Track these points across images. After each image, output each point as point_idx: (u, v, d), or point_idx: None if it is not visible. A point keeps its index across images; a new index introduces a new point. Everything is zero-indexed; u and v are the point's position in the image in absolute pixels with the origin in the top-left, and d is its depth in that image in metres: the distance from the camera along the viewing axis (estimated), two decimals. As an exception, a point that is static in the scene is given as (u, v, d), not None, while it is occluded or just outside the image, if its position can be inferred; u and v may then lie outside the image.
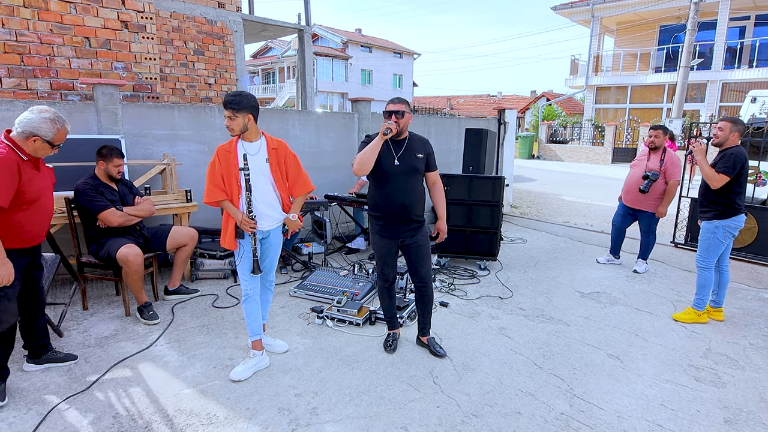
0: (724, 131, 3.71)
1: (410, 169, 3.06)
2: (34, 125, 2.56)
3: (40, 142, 2.59)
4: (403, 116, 3.01)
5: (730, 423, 2.62)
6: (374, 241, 3.22)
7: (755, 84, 16.18)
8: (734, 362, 3.29)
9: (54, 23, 4.85)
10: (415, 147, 3.11)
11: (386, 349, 3.31)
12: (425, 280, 3.22)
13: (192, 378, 2.93)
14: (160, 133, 4.95)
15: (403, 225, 3.11)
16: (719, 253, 3.83)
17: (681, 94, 12.90)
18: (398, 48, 40.04)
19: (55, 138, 2.63)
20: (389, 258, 3.21)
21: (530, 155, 21.78)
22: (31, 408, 2.59)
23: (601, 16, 20.26)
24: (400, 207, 3.05)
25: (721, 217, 3.74)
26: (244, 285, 2.97)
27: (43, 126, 2.58)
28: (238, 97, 2.77)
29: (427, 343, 3.34)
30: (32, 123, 2.56)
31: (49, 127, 2.60)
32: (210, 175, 2.86)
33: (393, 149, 3.07)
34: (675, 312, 4.09)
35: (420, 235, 3.16)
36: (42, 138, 2.59)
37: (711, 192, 3.76)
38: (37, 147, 2.60)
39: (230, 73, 8.17)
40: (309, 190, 3.10)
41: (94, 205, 3.64)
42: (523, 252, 5.99)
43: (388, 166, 3.04)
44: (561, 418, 2.62)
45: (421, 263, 3.19)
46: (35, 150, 2.61)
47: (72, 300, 3.91)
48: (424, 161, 3.11)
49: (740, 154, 3.66)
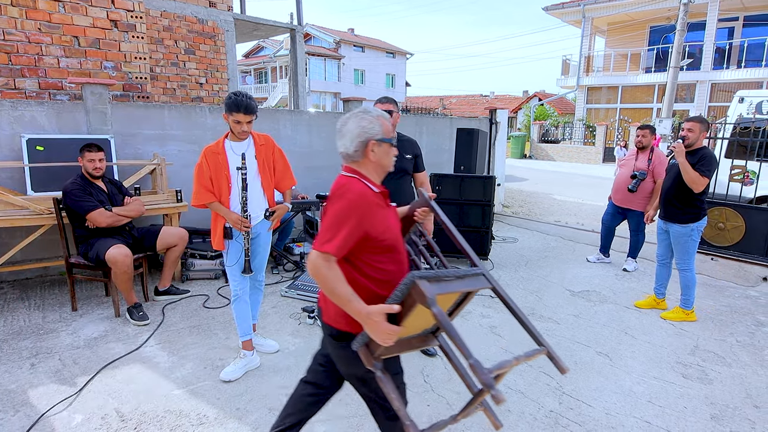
0: (694, 132, 3.69)
1: (398, 169, 3.05)
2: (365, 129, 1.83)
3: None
4: (392, 116, 3.02)
5: (717, 419, 2.65)
6: None
7: (743, 84, 16.36)
8: (721, 359, 3.33)
9: (42, 22, 4.80)
10: (404, 148, 3.12)
11: None
12: None
13: (182, 378, 2.92)
14: (150, 133, 4.92)
15: None
16: (695, 251, 3.88)
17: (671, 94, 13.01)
18: (391, 48, 40.05)
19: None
20: None
21: (522, 155, 21.88)
22: (18, 410, 2.57)
23: (592, 17, 20.39)
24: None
25: (696, 220, 3.75)
26: (234, 285, 2.96)
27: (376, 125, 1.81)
28: (254, 100, 2.80)
29: None
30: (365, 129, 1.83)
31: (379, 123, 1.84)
32: (198, 177, 2.83)
33: None
34: (659, 309, 4.13)
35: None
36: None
37: (689, 195, 3.70)
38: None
39: (222, 72, 8.14)
40: (293, 184, 3.16)
41: (83, 206, 3.61)
42: (515, 251, 6.02)
43: None
44: (550, 416, 2.64)
45: None
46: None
47: (60, 301, 3.88)
48: (412, 162, 3.12)
49: (714, 155, 3.69)
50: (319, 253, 1.62)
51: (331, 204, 1.71)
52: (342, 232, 1.63)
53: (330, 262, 1.63)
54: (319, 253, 1.62)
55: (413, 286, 1.51)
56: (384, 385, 1.67)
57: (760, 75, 16.69)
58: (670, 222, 3.89)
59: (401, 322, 1.57)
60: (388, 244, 1.75)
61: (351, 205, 1.67)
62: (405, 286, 1.54)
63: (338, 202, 1.69)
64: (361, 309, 1.58)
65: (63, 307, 3.91)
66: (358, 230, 1.66)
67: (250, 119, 2.78)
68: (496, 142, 8.07)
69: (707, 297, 4.53)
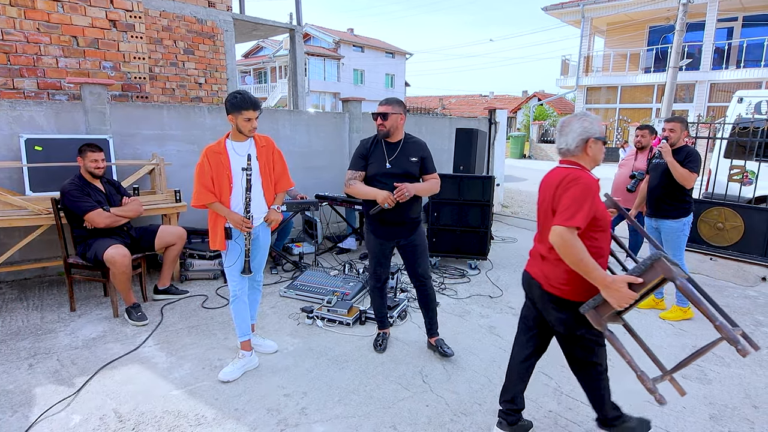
0: (676, 132, 3.81)
1: (402, 172, 3.02)
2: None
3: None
4: (388, 118, 2.98)
5: (716, 419, 2.65)
6: (368, 239, 3.21)
7: (742, 84, 16.38)
8: (720, 359, 3.33)
9: (41, 22, 4.79)
10: (410, 150, 3.07)
11: (376, 349, 3.31)
12: (424, 277, 3.21)
13: (180, 379, 2.91)
14: (148, 133, 4.91)
15: (398, 226, 3.10)
16: (685, 245, 3.96)
17: (670, 94, 13.02)
18: (390, 48, 40.04)
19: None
20: (382, 258, 3.20)
21: (521, 155, 21.87)
22: (17, 411, 2.56)
23: (591, 17, 20.39)
24: (395, 210, 3.00)
25: (687, 214, 3.86)
26: (232, 285, 2.96)
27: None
28: (256, 99, 2.80)
29: (435, 344, 3.26)
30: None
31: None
32: (199, 176, 2.81)
33: (386, 152, 3.05)
34: (658, 310, 4.13)
35: (416, 235, 3.15)
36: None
37: (678, 191, 3.82)
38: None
39: (221, 72, 8.13)
40: (290, 186, 3.16)
41: (81, 206, 3.60)
42: (514, 251, 6.02)
43: (381, 170, 3.02)
44: (549, 416, 2.64)
45: (417, 262, 3.18)
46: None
47: (58, 301, 3.88)
48: (418, 165, 3.06)
49: (698, 152, 3.85)
50: (567, 227, 1.92)
51: (567, 189, 2.03)
52: (582, 210, 1.94)
53: (575, 235, 1.92)
54: (567, 227, 1.92)
55: (659, 262, 1.81)
56: (614, 341, 2.07)
57: (759, 75, 16.70)
58: (661, 219, 3.95)
59: (639, 291, 1.88)
60: (604, 225, 2.08)
61: (586, 189, 1.99)
62: (650, 260, 1.85)
63: (575, 186, 2.01)
64: (604, 277, 1.90)
65: (61, 307, 3.90)
66: (591, 210, 1.97)
67: (258, 115, 2.80)
68: (496, 142, 8.07)
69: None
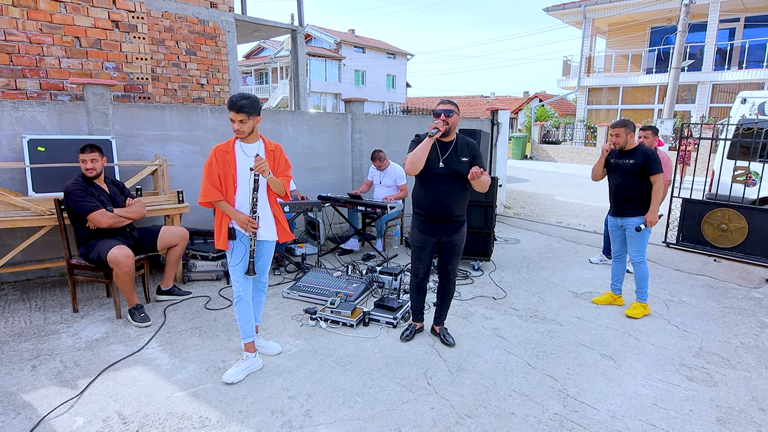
0: (621, 136, 3.95)
1: (453, 171, 3.13)
2: None
3: None
4: (451, 115, 3.07)
5: (723, 422, 2.63)
6: (413, 235, 3.36)
7: (745, 85, 16.34)
8: (726, 361, 3.31)
9: (43, 23, 4.79)
10: (461, 150, 3.17)
11: (401, 338, 3.48)
12: (450, 275, 3.41)
13: (184, 381, 2.90)
14: (151, 134, 4.90)
15: (443, 223, 3.24)
16: (647, 243, 4.08)
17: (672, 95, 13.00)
18: (391, 48, 40.04)
19: None
20: (423, 254, 3.33)
21: (523, 156, 21.85)
22: (20, 413, 2.55)
23: (592, 18, 20.37)
24: (442, 207, 3.17)
25: (646, 212, 3.98)
26: (236, 287, 2.95)
27: None
28: (249, 101, 2.75)
29: (438, 332, 3.52)
30: None
31: None
32: (207, 174, 2.83)
33: (439, 151, 3.15)
34: (662, 311, 4.11)
35: (457, 235, 3.29)
36: None
37: (640, 190, 3.94)
38: None
39: (223, 73, 8.12)
40: (288, 178, 3.08)
41: (84, 206, 3.59)
42: (517, 252, 6.00)
43: (433, 168, 3.14)
44: (555, 419, 2.62)
45: (450, 260, 3.36)
46: None
47: (61, 302, 3.87)
48: (468, 165, 3.14)
49: (654, 150, 4.01)
50: None
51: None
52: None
53: None
54: None
55: None
56: None
57: (762, 76, 16.65)
58: (626, 218, 4.04)
59: None
60: None
61: None
62: None
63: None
64: None
65: (64, 308, 3.89)
66: None
67: (242, 118, 2.74)
68: (498, 143, 8.06)
69: (710, 298, 4.51)
